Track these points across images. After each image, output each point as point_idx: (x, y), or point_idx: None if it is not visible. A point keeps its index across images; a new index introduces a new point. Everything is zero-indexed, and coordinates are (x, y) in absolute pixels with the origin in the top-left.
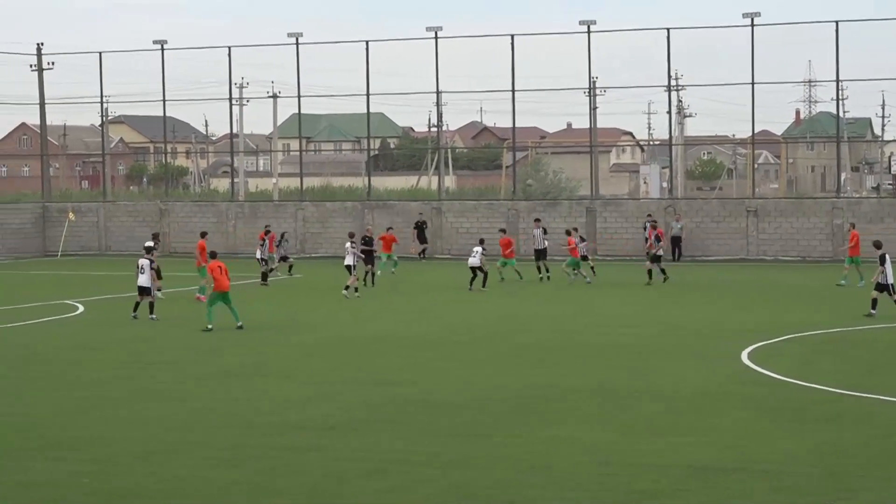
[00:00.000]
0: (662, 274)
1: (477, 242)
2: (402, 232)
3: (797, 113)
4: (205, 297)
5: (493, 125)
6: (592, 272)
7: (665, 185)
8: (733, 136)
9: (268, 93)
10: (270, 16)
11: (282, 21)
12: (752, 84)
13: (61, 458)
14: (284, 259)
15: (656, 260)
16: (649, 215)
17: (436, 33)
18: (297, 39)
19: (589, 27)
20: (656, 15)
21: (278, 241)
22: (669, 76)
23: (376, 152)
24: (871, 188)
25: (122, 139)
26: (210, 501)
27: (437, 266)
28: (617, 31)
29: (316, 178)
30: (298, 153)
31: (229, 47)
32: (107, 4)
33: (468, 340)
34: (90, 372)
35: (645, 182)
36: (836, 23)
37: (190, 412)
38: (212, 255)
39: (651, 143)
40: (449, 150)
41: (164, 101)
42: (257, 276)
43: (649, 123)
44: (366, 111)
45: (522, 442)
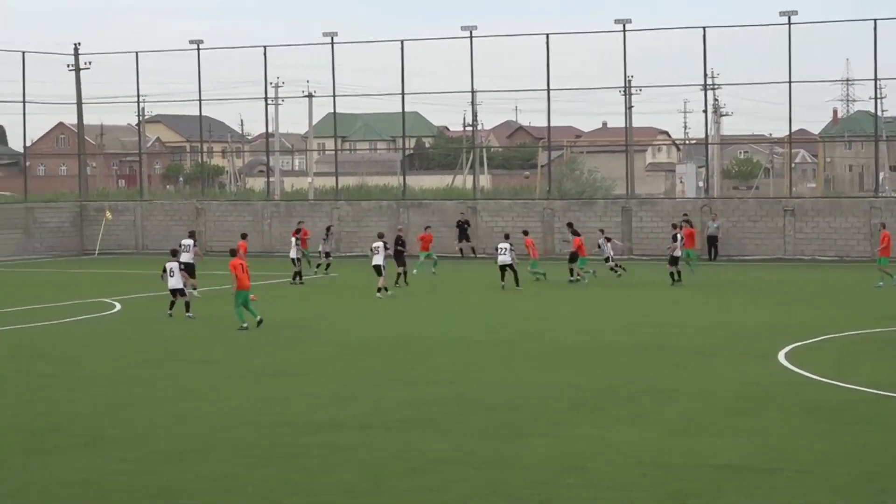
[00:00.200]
0: (672, 277)
1: (502, 239)
2: (437, 231)
3: (835, 112)
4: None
5: (528, 124)
6: (593, 274)
7: (701, 184)
8: (770, 135)
9: (303, 92)
10: (306, 15)
11: (317, 21)
12: (790, 83)
13: (99, 455)
14: (327, 255)
15: (674, 262)
16: (685, 215)
17: (471, 32)
18: (332, 39)
19: (624, 26)
20: (692, 13)
21: (325, 236)
22: (706, 75)
23: (411, 151)
24: None
25: (158, 138)
26: (246, 500)
27: (473, 265)
28: (653, 30)
29: (351, 178)
30: (334, 152)
31: (265, 47)
32: (144, 5)
33: (503, 340)
34: (127, 370)
35: (681, 181)
36: (875, 21)
37: (225, 411)
38: (232, 252)
39: (687, 142)
40: (484, 150)
41: (199, 100)
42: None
43: (685, 122)
44: (401, 110)
45: (557, 441)
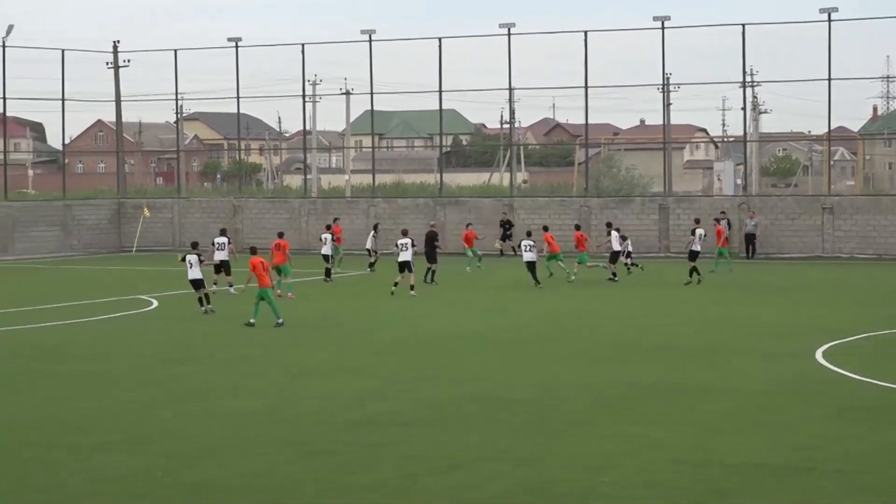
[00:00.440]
0: (689, 275)
1: (525, 236)
2: (474, 230)
3: (874, 109)
4: (293, 295)
5: (565, 122)
6: (569, 271)
7: (739, 181)
8: (809, 132)
9: (340, 90)
10: (344, 13)
11: (355, 18)
12: (829, 79)
13: (136, 452)
14: (375, 252)
15: (693, 257)
16: (722, 212)
17: (509, 30)
18: (370, 36)
19: (663, 23)
20: (731, 10)
21: (373, 234)
22: (744, 72)
23: (448, 149)
24: None
25: (196, 136)
26: (281, 497)
27: (510, 263)
28: (692, 27)
29: (388, 175)
30: (371, 150)
31: (303, 44)
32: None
33: (538, 337)
34: (164, 367)
35: (719, 179)
36: None
37: (261, 407)
38: (252, 250)
39: (725, 139)
40: (521, 147)
41: (238, 98)
42: (335, 272)
43: (724, 120)
44: (438, 108)
45: (594, 439)
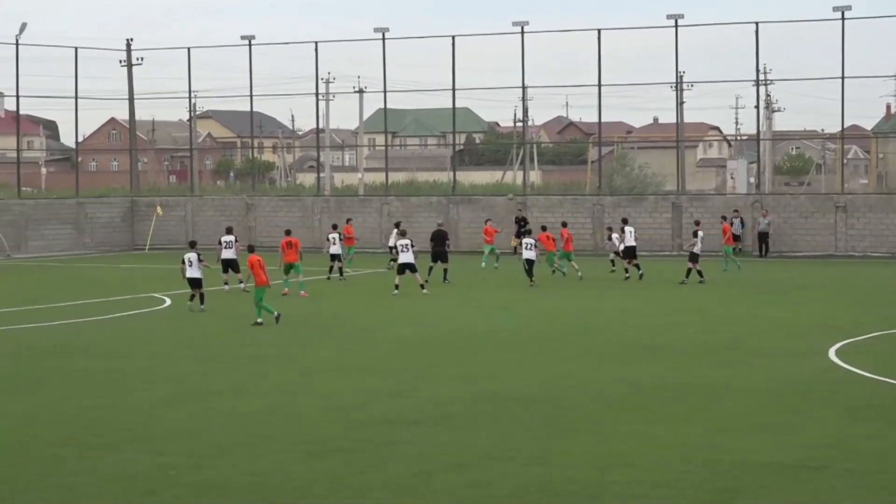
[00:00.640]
0: (686, 275)
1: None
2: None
3: (888, 107)
4: (305, 293)
5: (578, 120)
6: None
7: (752, 180)
8: (822, 130)
9: (354, 88)
10: (357, 11)
11: (368, 16)
12: (843, 78)
13: (150, 450)
14: (391, 250)
15: (693, 259)
16: (735, 210)
17: (522, 28)
18: (383, 35)
19: (676, 21)
20: (745, 8)
21: (396, 232)
22: (758, 70)
23: (461, 147)
24: None
25: (209, 134)
26: (294, 495)
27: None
28: (705, 26)
29: (401, 173)
30: (384, 148)
31: (316, 43)
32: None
33: (550, 336)
34: (176, 365)
35: (732, 177)
36: None
37: (273, 406)
38: (250, 248)
39: (738, 137)
40: (534, 145)
41: (251, 96)
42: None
43: (737, 118)
44: (451, 106)
45: (605, 438)
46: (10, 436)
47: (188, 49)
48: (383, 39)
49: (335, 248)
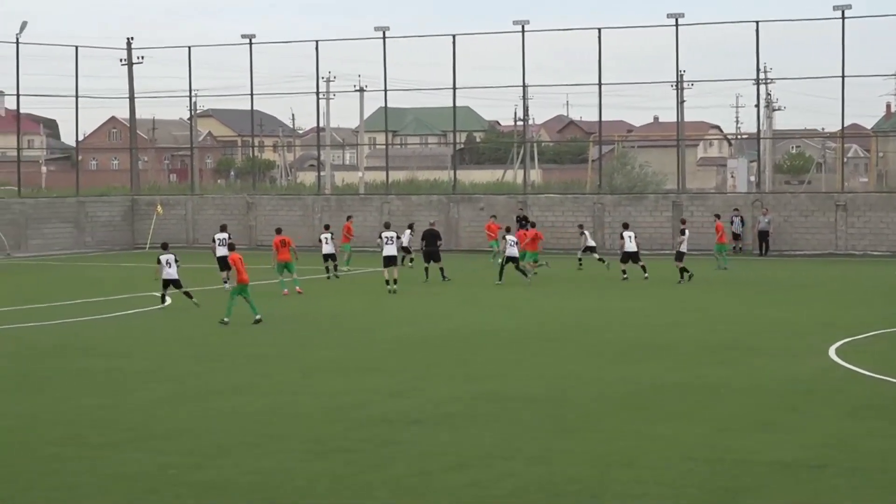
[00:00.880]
0: (680, 275)
1: (506, 231)
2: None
3: (888, 106)
4: (301, 290)
5: (579, 119)
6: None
7: (753, 178)
8: (823, 129)
9: (354, 87)
10: (357, 10)
11: (368, 15)
12: (843, 77)
13: (151, 450)
14: (407, 250)
15: (679, 258)
16: (735, 209)
17: (523, 27)
18: (383, 33)
19: (677, 20)
20: (745, 7)
21: (409, 231)
22: (758, 69)
23: (462, 146)
24: None
25: (210, 133)
26: (294, 494)
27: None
28: (705, 24)
29: (402, 172)
30: (384, 147)
31: (316, 41)
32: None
33: (552, 335)
34: (177, 365)
35: (732, 176)
36: None
37: (274, 406)
38: (230, 247)
39: (739, 136)
40: (535, 144)
41: (251, 95)
42: (342, 270)
43: (737, 117)
44: (452, 105)
45: (607, 437)
46: (11, 435)
47: (189, 48)
48: (384, 38)
49: (328, 248)
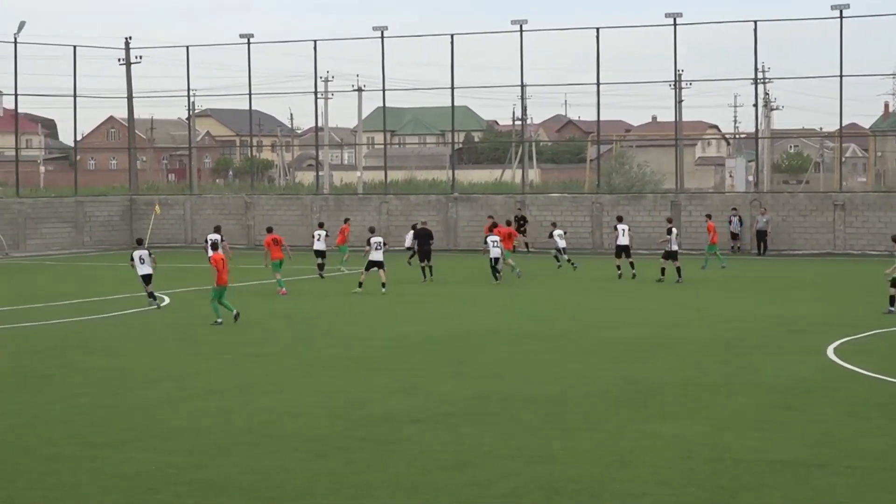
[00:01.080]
0: (678, 274)
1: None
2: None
3: (886, 106)
4: (285, 291)
5: (577, 118)
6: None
7: (751, 178)
8: (821, 128)
9: (353, 86)
10: (356, 10)
11: (367, 15)
12: (841, 76)
13: (151, 449)
14: (411, 250)
15: (669, 257)
16: (734, 209)
17: (521, 26)
18: (382, 33)
19: (675, 20)
20: (743, 7)
21: (413, 232)
22: (756, 69)
23: (460, 146)
24: None
25: (208, 132)
26: (295, 493)
27: (524, 259)
28: (703, 24)
29: (400, 172)
30: (383, 146)
31: (315, 41)
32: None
33: (552, 334)
34: (176, 363)
35: (730, 175)
36: None
37: (275, 404)
38: (213, 246)
39: (737, 136)
40: (533, 144)
41: (250, 94)
42: (340, 271)
43: (735, 116)
44: (450, 104)
45: (607, 436)
46: (11, 435)
47: (187, 47)
48: (382, 38)
49: (319, 245)
